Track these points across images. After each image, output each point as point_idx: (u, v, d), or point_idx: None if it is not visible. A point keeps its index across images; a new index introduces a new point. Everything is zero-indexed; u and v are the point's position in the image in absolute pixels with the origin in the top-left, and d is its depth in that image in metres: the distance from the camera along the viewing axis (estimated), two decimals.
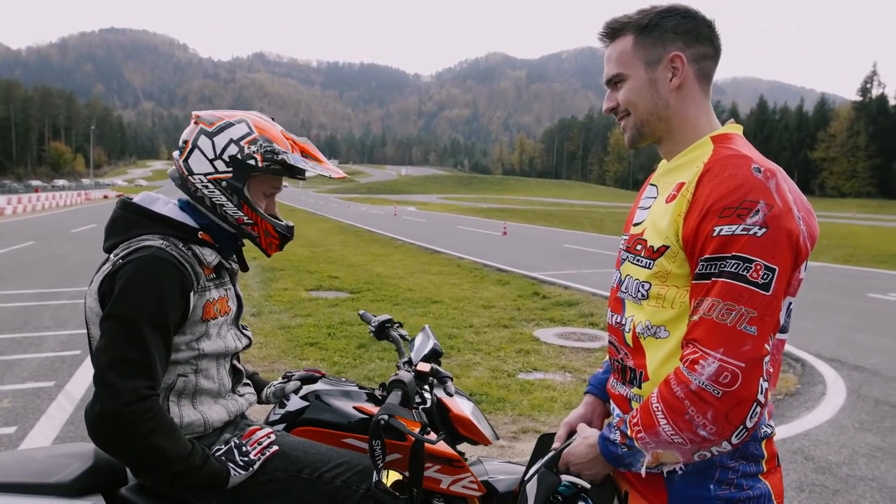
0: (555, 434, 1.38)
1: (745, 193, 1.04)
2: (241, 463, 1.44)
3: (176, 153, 1.53)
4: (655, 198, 1.24)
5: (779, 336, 1.09)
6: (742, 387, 1.01)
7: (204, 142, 1.48)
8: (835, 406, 4.62)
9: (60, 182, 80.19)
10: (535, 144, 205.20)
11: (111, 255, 1.43)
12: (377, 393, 1.79)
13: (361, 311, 2.16)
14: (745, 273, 1.02)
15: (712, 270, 1.05)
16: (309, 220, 28.43)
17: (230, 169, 1.47)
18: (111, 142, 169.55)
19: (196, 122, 1.52)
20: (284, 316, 7.39)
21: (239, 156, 1.47)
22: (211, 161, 1.47)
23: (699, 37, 1.19)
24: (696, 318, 1.07)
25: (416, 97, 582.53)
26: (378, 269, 11.83)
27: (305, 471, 1.49)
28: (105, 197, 58.28)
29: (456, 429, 1.74)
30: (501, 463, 1.91)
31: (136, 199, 1.53)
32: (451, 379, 1.77)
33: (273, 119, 1.61)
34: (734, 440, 1.05)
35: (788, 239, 1.04)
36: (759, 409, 1.03)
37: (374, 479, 1.43)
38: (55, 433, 3.85)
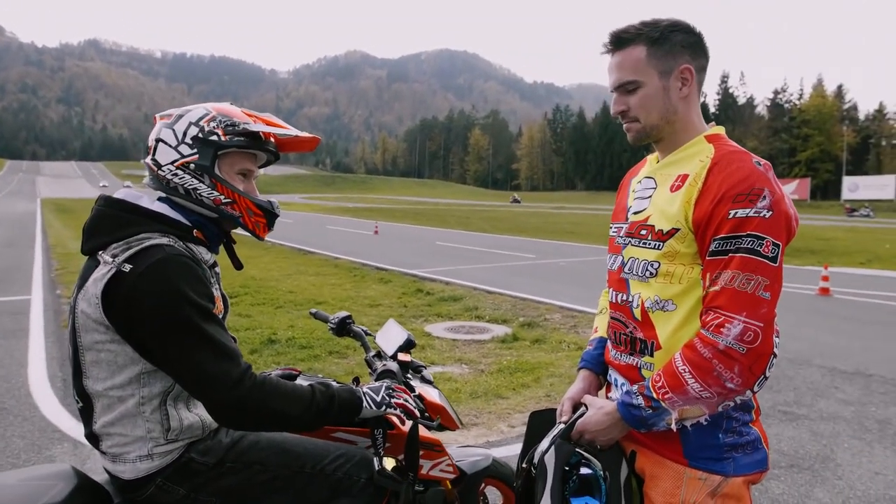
0: (548, 409, 1.49)
1: (753, 183, 1.20)
2: (377, 399, 1.50)
3: (147, 158, 1.47)
4: (655, 188, 1.37)
5: None
6: (762, 343, 1.18)
7: (166, 133, 1.45)
8: None
9: None
10: (398, 144, 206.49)
11: (107, 257, 1.32)
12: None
13: (314, 310, 2.14)
14: (758, 248, 1.18)
15: (729, 247, 1.20)
16: None
17: (195, 150, 1.44)
18: None
19: (158, 120, 1.49)
20: None
21: (200, 135, 1.44)
22: (175, 147, 1.43)
23: (699, 50, 1.34)
24: (716, 288, 1.21)
25: (274, 93, 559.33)
26: (251, 272, 11.29)
27: (308, 465, 1.49)
28: None
29: (430, 415, 1.80)
30: (458, 448, 2.00)
31: (120, 195, 1.43)
32: (426, 368, 1.83)
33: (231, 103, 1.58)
34: (756, 388, 1.22)
35: (786, 220, 1.22)
36: (774, 360, 1.21)
37: (377, 466, 1.46)
38: None
